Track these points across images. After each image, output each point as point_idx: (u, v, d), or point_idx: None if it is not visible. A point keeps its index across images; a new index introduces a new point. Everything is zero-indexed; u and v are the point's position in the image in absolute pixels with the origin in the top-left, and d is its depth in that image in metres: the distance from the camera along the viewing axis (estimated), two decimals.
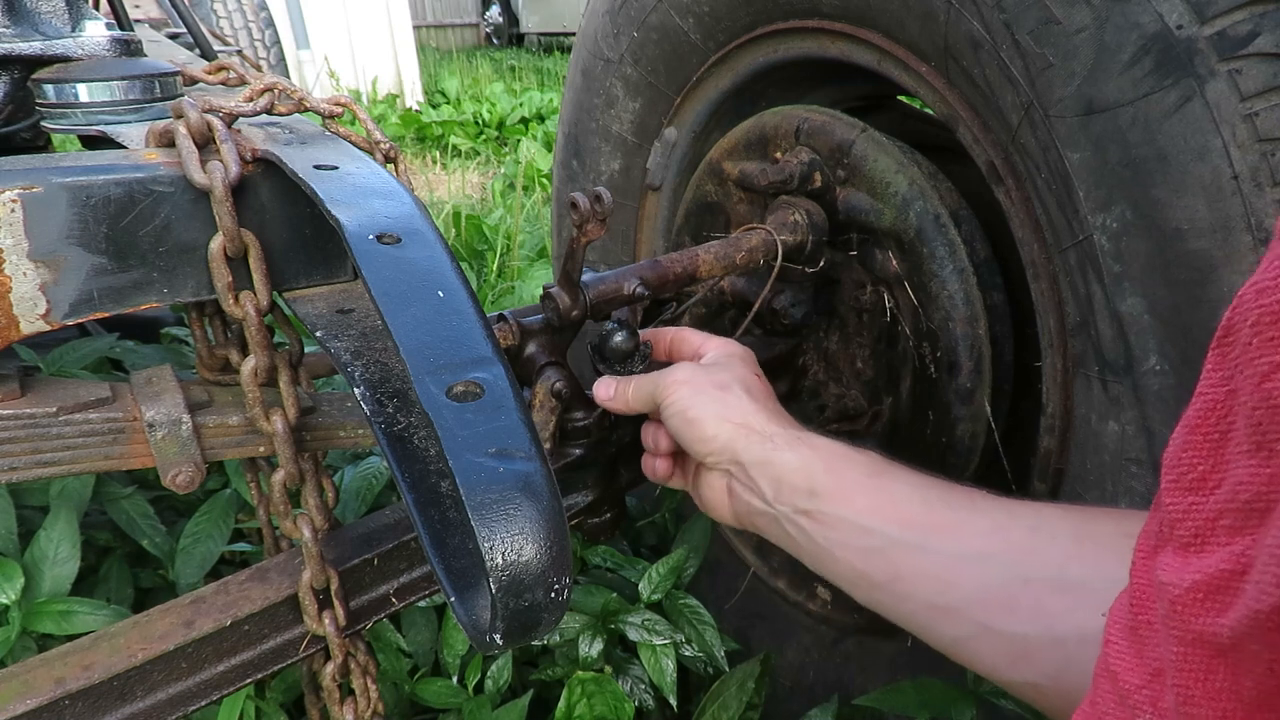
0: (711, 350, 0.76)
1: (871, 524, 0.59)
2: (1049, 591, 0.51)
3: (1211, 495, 0.28)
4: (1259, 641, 0.25)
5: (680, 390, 0.69)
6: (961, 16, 0.71)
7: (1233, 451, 0.28)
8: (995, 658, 0.54)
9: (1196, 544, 0.29)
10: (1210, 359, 0.29)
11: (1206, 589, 0.27)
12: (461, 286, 0.53)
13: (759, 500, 0.66)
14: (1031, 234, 0.73)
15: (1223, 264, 0.59)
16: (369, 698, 0.76)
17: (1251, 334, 0.27)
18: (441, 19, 12.68)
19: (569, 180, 1.35)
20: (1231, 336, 0.28)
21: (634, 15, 1.12)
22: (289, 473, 0.67)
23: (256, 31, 3.39)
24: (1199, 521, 0.29)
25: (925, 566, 0.57)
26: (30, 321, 0.59)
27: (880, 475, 0.62)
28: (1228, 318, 0.29)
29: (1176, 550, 0.29)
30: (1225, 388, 0.29)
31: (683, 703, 1.12)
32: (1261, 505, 0.26)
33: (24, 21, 0.89)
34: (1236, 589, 0.26)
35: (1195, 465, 0.29)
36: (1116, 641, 0.33)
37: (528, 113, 5.25)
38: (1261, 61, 0.55)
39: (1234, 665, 0.27)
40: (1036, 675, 0.52)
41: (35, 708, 0.58)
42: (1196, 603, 0.28)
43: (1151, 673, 0.31)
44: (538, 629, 0.45)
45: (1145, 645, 0.32)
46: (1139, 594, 0.33)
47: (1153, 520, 0.33)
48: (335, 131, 0.74)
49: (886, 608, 0.60)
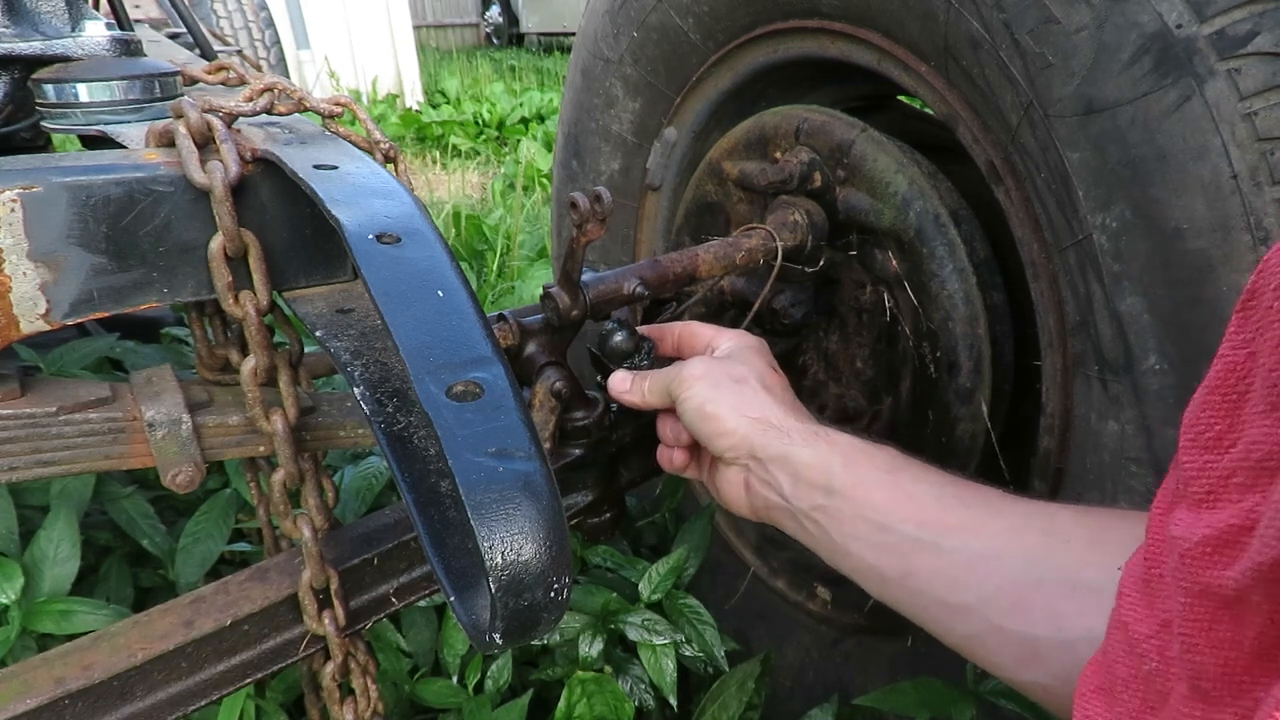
0: (725, 343, 0.75)
1: (887, 521, 0.59)
2: (1061, 595, 0.51)
3: (1226, 454, 0.29)
4: (1261, 593, 0.26)
5: (697, 385, 0.69)
6: (961, 16, 0.71)
7: (1249, 412, 0.28)
8: (1005, 657, 0.54)
9: (1209, 500, 0.29)
10: (1233, 322, 0.30)
11: (1215, 543, 0.28)
12: (461, 286, 0.53)
13: (776, 495, 0.66)
14: (1031, 234, 0.73)
15: (1222, 263, 0.59)
16: (369, 697, 0.76)
17: (1274, 297, 0.27)
18: (441, 19, 12.68)
19: (569, 180, 1.35)
20: (1255, 300, 0.29)
21: (634, 15, 1.12)
22: (289, 472, 0.67)
23: (256, 31, 3.39)
24: (1213, 479, 0.29)
25: (939, 565, 0.57)
26: (30, 321, 0.59)
27: (897, 471, 0.62)
28: (1252, 282, 0.29)
29: (1190, 506, 0.30)
30: (1246, 350, 0.29)
31: (683, 703, 1.12)
32: (1273, 464, 0.27)
33: (24, 21, 0.89)
34: (1243, 543, 0.27)
35: (1212, 425, 0.30)
36: (1129, 594, 0.34)
37: (528, 113, 5.25)
38: (1261, 60, 0.55)
39: (1237, 616, 0.27)
40: (1046, 676, 0.52)
41: (35, 708, 0.58)
42: (1205, 556, 0.28)
43: (1160, 623, 0.32)
44: (537, 629, 0.45)
45: (1155, 597, 0.32)
46: (1153, 549, 0.33)
47: (1170, 479, 0.33)
48: (335, 131, 0.74)
49: (899, 603, 0.60)
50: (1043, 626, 0.51)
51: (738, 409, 0.67)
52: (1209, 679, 0.28)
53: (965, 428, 0.85)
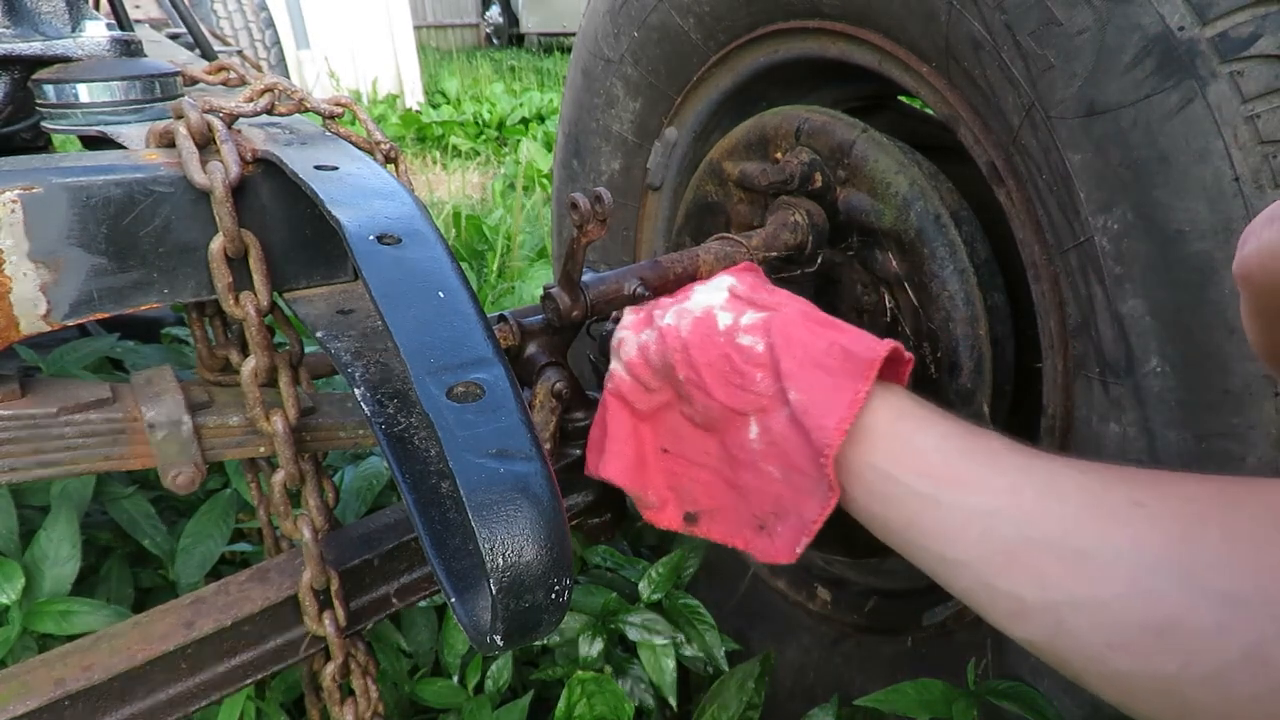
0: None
1: (893, 471, 0.60)
2: (1050, 557, 0.52)
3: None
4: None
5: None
6: (962, 17, 0.71)
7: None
8: (996, 613, 0.56)
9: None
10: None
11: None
12: (462, 287, 0.53)
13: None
14: (1032, 235, 0.73)
15: (1224, 265, 0.58)
16: (369, 698, 0.76)
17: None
18: (441, 19, 12.68)
19: (569, 180, 1.35)
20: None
21: (634, 15, 1.12)
22: (289, 473, 0.67)
23: (256, 31, 3.39)
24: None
25: (937, 518, 0.58)
26: (30, 322, 0.59)
27: (902, 419, 0.62)
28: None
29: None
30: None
31: (683, 703, 1.12)
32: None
33: (24, 22, 0.89)
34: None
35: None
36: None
37: (528, 113, 5.25)
38: (1263, 63, 0.55)
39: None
40: (1032, 634, 0.54)
41: (35, 708, 0.58)
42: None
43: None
44: (538, 630, 0.45)
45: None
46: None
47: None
48: (335, 132, 0.74)
49: (904, 553, 0.61)
50: (1027, 588, 0.53)
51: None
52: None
53: None
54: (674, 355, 0.66)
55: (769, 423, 0.64)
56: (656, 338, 0.68)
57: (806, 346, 0.63)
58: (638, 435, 0.71)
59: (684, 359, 0.66)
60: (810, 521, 0.63)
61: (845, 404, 0.60)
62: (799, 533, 0.64)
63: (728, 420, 0.66)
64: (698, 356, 0.65)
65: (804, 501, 0.64)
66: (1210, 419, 0.62)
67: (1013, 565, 0.54)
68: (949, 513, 0.57)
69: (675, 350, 0.66)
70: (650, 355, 0.68)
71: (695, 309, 0.68)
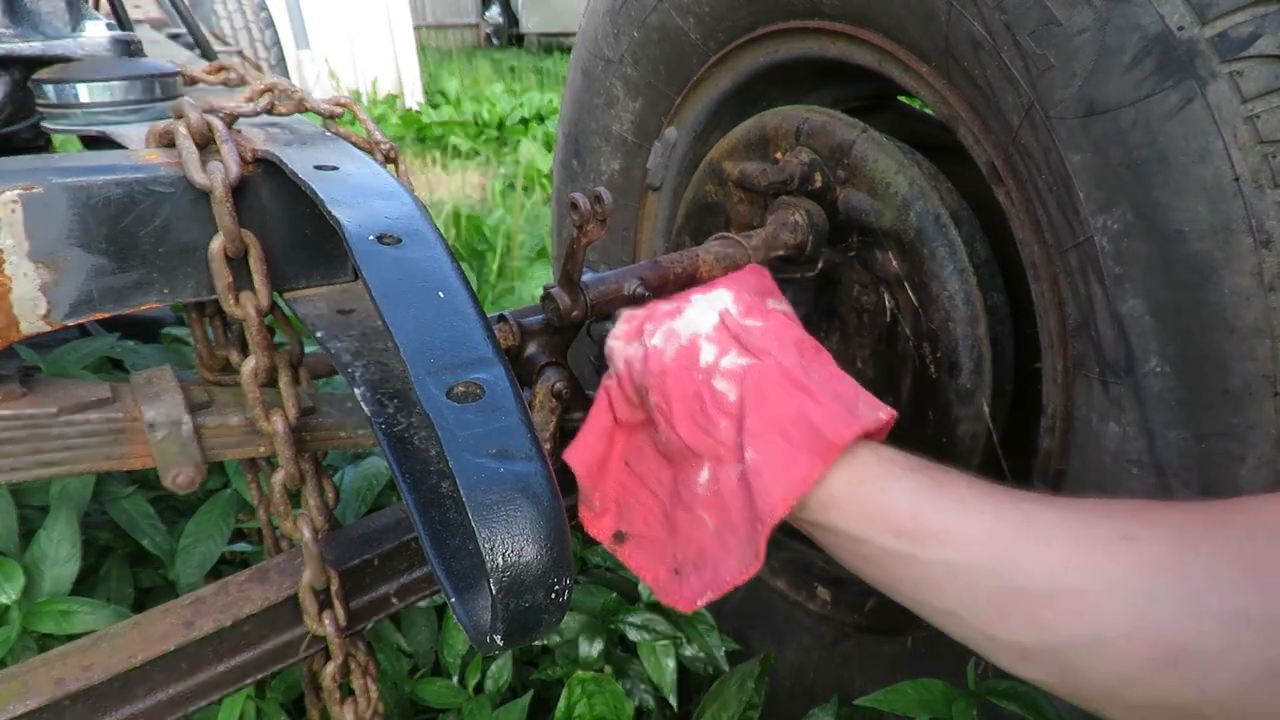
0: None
1: (864, 534, 0.58)
2: (1043, 602, 0.51)
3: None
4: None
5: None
6: (962, 17, 0.71)
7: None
8: (1000, 659, 0.55)
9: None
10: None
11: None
12: (462, 287, 0.53)
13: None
14: (1032, 235, 0.73)
15: (1223, 265, 0.59)
16: (369, 698, 0.76)
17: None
18: (441, 19, 12.68)
19: (569, 180, 1.35)
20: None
21: (634, 15, 1.12)
22: (289, 473, 0.67)
23: (256, 31, 3.39)
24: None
25: (919, 575, 0.56)
26: (31, 322, 0.59)
27: (864, 483, 0.60)
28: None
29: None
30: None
31: (683, 703, 1.12)
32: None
33: (24, 22, 0.89)
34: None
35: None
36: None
37: (528, 113, 5.25)
38: (1263, 63, 0.55)
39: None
40: (1041, 675, 0.53)
41: (35, 708, 0.58)
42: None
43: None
44: (538, 630, 0.45)
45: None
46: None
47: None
48: (335, 132, 0.74)
49: (901, 603, 0.60)
50: (1027, 635, 0.52)
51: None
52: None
53: (966, 429, 0.85)
54: (651, 379, 0.65)
55: (720, 473, 0.63)
56: (641, 357, 0.67)
57: (775, 409, 0.61)
58: (610, 439, 0.71)
59: (659, 385, 0.65)
60: (724, 581, 0.62)
61: (796, 480, 0.58)
62: (707, 587, 0.63)
63: (684, 458, 0.65)
64: (673, 388, 0.64)
65: (725, 560, 0.63)
66: (1210, 419, 0.62)
67: (1006, 615, 0.52)
68: (929, 568, 0.56)
69: (654, 374, 0.65)
70: (634, 373, 0.68)
71: (683, 334, 0.67)
